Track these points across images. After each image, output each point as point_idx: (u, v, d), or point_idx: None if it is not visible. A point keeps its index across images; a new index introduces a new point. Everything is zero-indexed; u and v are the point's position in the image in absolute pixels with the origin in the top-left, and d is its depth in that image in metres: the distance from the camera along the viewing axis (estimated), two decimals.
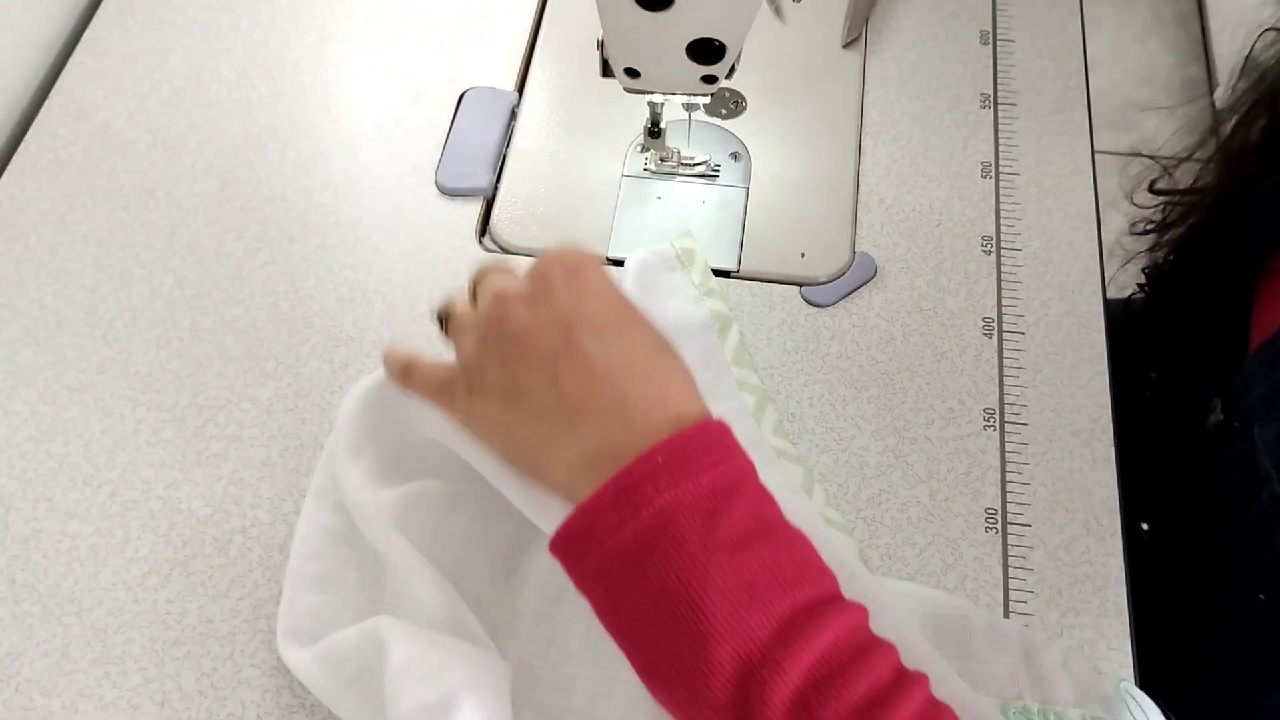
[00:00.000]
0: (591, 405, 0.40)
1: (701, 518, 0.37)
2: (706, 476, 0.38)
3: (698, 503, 0.38)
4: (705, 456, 0.39)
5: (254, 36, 0.74)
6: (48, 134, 0.69)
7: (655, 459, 0.38)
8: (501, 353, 0.43)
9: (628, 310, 0.43)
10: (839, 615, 0.38)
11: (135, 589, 0.54)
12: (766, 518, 0.39)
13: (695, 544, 0.37)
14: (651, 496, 0.37)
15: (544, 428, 0.41)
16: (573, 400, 0.41)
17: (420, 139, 0.69)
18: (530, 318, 0.42)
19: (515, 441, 0.43)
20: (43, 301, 0.63)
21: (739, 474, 0.39)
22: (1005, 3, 0.75)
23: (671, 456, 0.38)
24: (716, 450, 0.39)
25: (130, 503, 0.56)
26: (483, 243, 0.66)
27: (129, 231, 0.65)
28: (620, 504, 0.38)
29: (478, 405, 0.43)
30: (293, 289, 0.63)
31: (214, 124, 0.70)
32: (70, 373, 0.60)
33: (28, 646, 0.52)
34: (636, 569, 0.37)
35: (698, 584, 0.36)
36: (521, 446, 0.43)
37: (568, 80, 0.73)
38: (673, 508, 0.37)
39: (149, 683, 0.51)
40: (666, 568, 0.37)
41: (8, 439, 0.58)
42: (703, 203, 0.67)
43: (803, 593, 0.38)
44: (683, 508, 0.37)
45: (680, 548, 0.37)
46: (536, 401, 0.41)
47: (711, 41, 0.54)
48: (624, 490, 0.38)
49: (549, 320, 0.42)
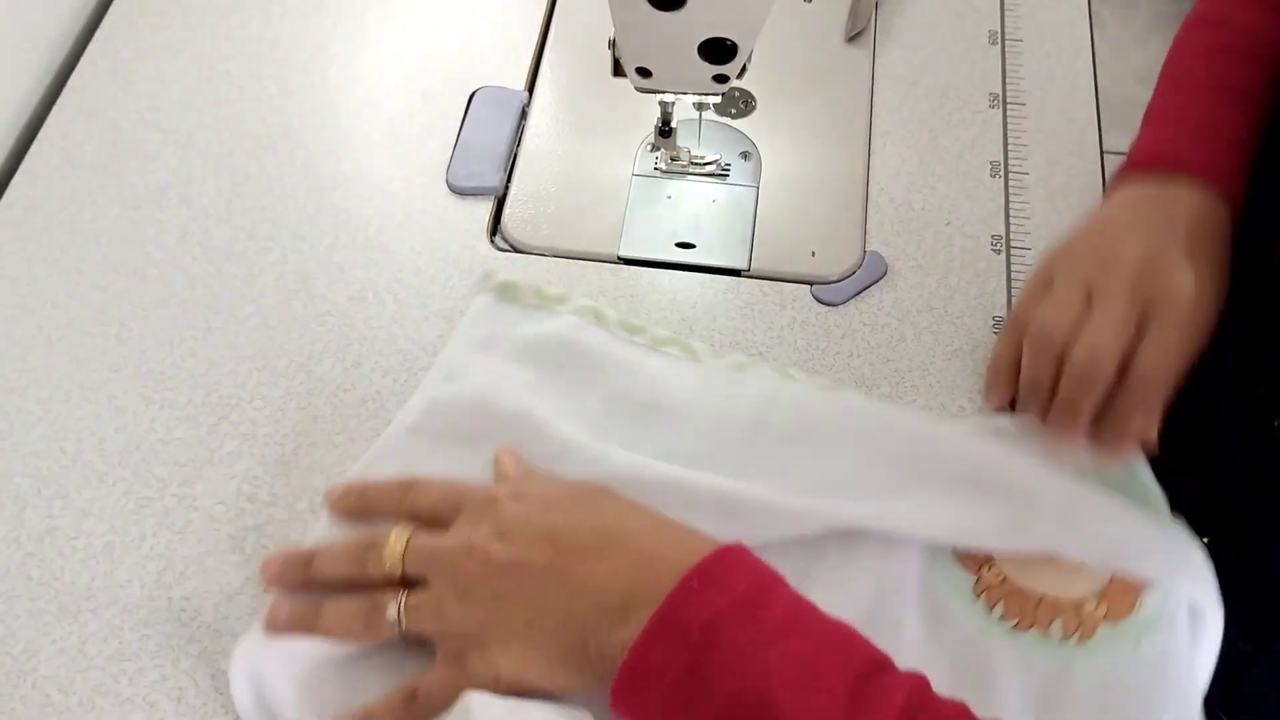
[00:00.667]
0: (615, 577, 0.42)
1: (746, 620, 0.39)
2: (741, 586, 0.40)
3: (739, 609, 0.39)
4: (734, 572, 0.41)
5: (264, 36, 0.74)
6: (59, 134, 0.69)
7: (690, 585, 0.40)
8: (501, 598, 0.44)
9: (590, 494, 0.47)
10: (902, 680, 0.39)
11: (150, 586, 0.54)
12: (803, 610, 0.41)
13: (747, 643, 0.38)
14: (696, 616, 0.39)
15: (580, 626, 0.43)
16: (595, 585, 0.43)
17: (430, 138, 0.69)
18: (511, 551, 0.44)
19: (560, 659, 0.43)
20: (55, 300, 0.63)
21: (768, 578, 0.42)
22: (1013, 2, 0.76)
23: (704, 579, 0.40)
24: (743, 564, 0.42)
25: (145, 500, 0.56)
26: (493, 241, 0.66)
27: (141, 230, 0.65)
28: (670, 633, 0.39)
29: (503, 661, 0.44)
30: (304, 288, 0.63)
31: (225, 123, 0.70)
32: (83, 371, 0.60)
33: (44, 644, 0.52)
34: (700, 689, 0.38)
35: (760, 680, 0.38)
36: (569, 658, 0.43)
37: (578, 80, 0.73)
38: (719, 617, 0.39)
39: (165, 680, 0.51)
40: (726, 676, 0.38)
41: (22, 438, 0.58)
42: (713, 202, 0.67)
43: (859, 664, 0.39)
44: (728, 615, 0.39)
45: (734, 651, 0.38)
46: (561, 609, 0.43)
47: (723, 41, 0.54)
48: (670, 619, 0.40)
49: (530, 543, 0.44)
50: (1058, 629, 0.49)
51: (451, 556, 0.45)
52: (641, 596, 0.41)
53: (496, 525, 0.45)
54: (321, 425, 0.59)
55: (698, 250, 0.65)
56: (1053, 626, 0.49)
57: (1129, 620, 0.49)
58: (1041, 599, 0.50)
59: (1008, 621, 0.49)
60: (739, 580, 0.41)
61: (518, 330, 0.60)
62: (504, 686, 0.44)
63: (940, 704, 0.39)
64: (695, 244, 0.65)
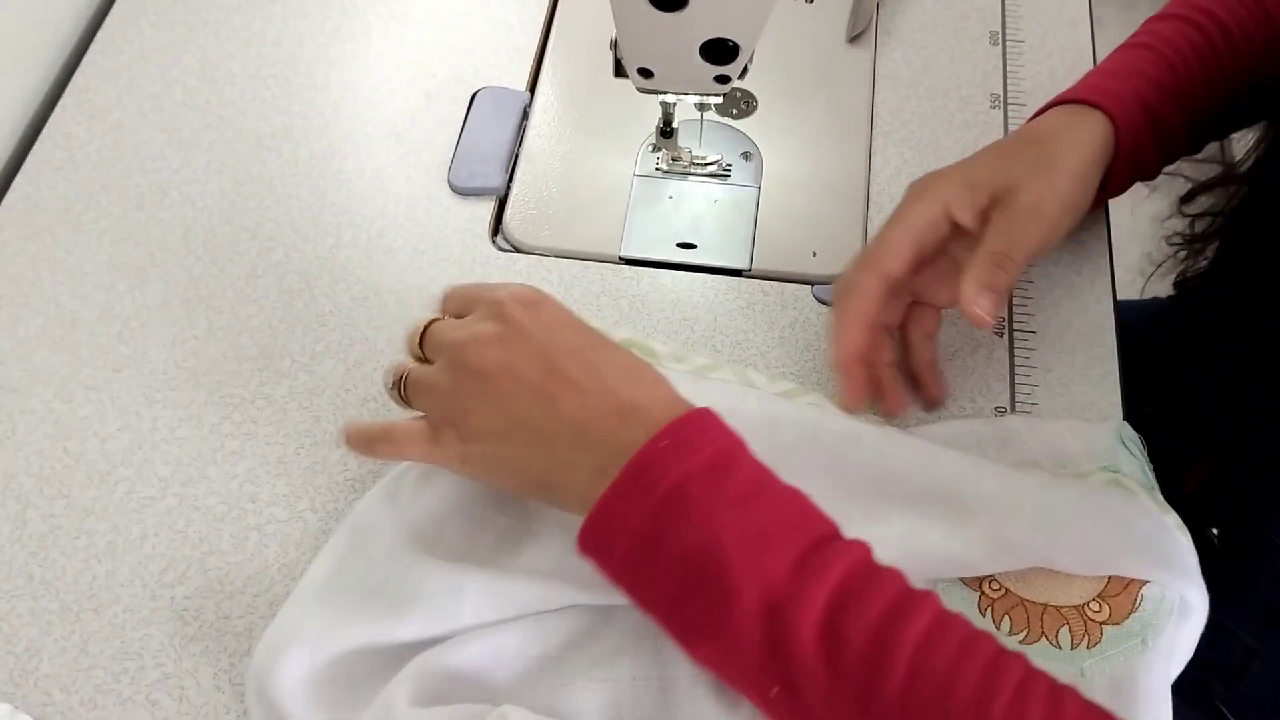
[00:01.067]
0: (593, 418, 0.44)
1: (709, 483, 0.41)
2: (707, 450, 0.42)
3: (704, 471, 0.41)
4: (703, 435, 0.43)
5: (267, 37, 0.74)
6: (62, 133, 0.69)
7: (660, 444, 0.42)
8: (486, 393, 0.46)
9: (593, 332, 0.48)
10: (846, 549, 0.41)
11: (152, 585, 0.54)
12: (764, 478, 0.43)
13: (707, 505, 0.41)
14: (663, 475, 0.41)
15: (549, 452, 0.45)
16: (574, 419, 0.44)
17: (432, 139, 0.69)
18: (506, 354, 0.46)
19: (522, 472, 0.46)
20: (58, 300, 0.63)
21: (734, 445, 0.43)
22: (1014, 3, 0.76)
23: (674, 439, 0.42)
24: (711, 429, 0.44)
25: (147, 500, 0.56)
26: (495, 242, 0.66)
27: (144, 230, 0.66)
28: (636, 488, 0.42)
29: (474, 449, 0.46)
30: (306, 288, 0.63)
31: (227, 123, 0.70)
32: (86, 371, 0.60)
33: (46, 643, 0.53)
34: (660, 541, 0.41)
35: (715, 540, 0.40)
36: (530, 475, 0.46)
37: (579, 80, 0.73)
38: (683, 479, 0.41)
39: (167, 678, 0.52)
40: (685, 532, 0.41)
41: (25, 437, 0.58)
42: (714, 202, 0.67)
43: (810, 533, 0.41)
44: (691, 478, 0.41)
45: (695, 511, 0.41)
46: (535, 430, 0.45)
47: (725, 42, 0.54)
48: (638, 476, 0.42)
49: (525, 353, 0.46)
50: (1066, 637, 0.49)
51: (453, 344, 0.47)
52: (613, 445, 0.43)
53: (501, 327, 0.47)
54: (324, 425, 0.59)
55: (699, 250, 0.65)
56: (1060, 635, 0.49)
57: (1132, 619, 0.49)
58: (1045, 608, 0.50)
59: (1016, 635, 0.50)
60: (706, 443, 0.42)
61: None
62: (467, 471, 0.47)
63: (879, 571, 0.41)
64: (696, 244, 0.66)
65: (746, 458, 0.44)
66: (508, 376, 0.45)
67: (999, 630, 0.50)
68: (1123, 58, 0.60)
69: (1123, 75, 0.58)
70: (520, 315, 0.47)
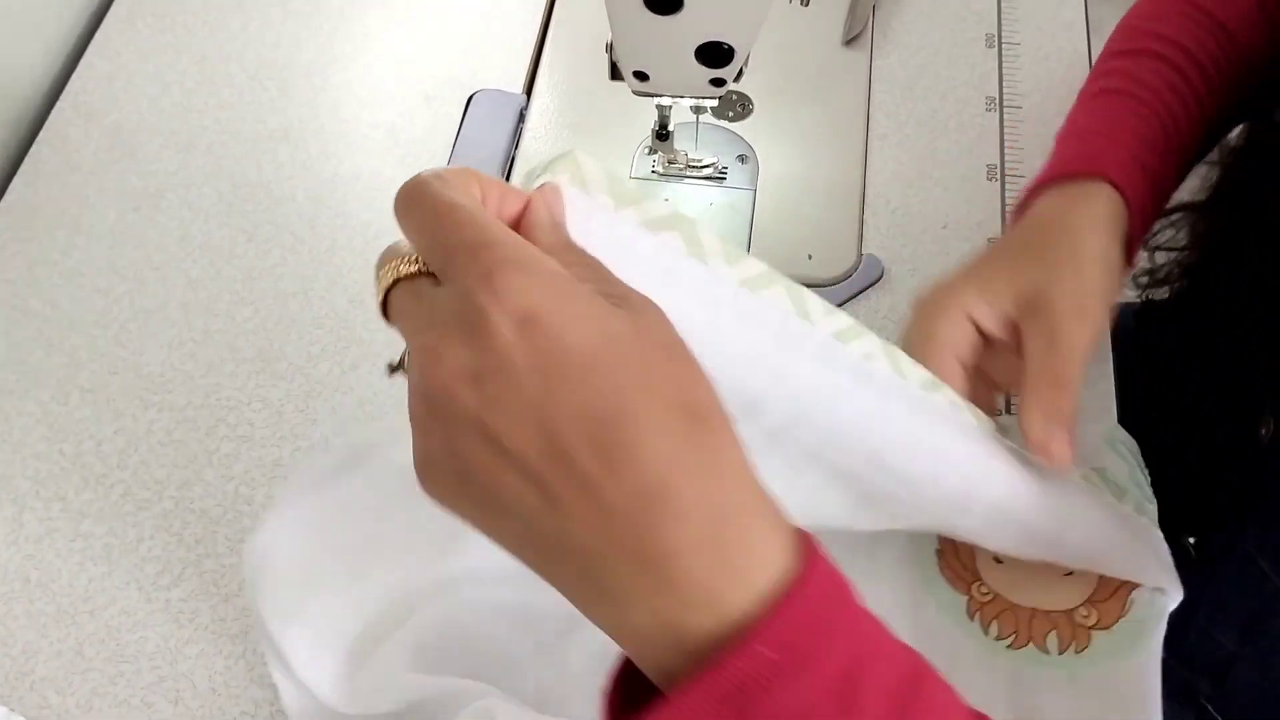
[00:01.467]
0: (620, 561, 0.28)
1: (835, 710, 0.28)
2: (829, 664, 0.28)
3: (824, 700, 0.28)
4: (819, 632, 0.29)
5: (264, 39, 0.74)
6: (59, 136, 0.70)
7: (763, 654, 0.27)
8: (459, 448, 0.28)
9: (625, 368, 0.28)
10: None
11: (148, 588, 0.54)
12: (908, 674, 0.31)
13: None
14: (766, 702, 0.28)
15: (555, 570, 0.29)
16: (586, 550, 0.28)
17: (429, 141, 0.69)
18: (484, 406, 0.28)
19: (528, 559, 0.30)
20: (55, 302, 0.63)
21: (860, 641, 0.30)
22: (1010, 5, 0.76)
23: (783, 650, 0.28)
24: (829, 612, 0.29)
25: (143, 502, 0.56)
26: None
27: (140, 233, 0.66)
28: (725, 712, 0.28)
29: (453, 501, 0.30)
30: (303, 291, 0.64)
31: (224, 126, 0.70)
32: (83, 373, 0.60)
33: (42, 645, 0.53)
34: None
35: None
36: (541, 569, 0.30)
37: (576, 83, 0.73)
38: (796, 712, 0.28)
39: (162, 681, 0.52)
40: None
41: (21, 439, 0.58)
42: (710, 205, 0.67)
43: None
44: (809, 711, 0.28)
45: None
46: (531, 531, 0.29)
47: (720, 45, 0.54)
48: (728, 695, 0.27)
49: (513, 410, 0.27)
50: (1054, 642, 0.49)
51: (417, 347, 0.31)
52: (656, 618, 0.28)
53: (478, 354, 0.28)
54: (319, 428, 0.59)
55: None
56: (1049, 640, 0.49)
57: (1121, 624, 0.49)
58: (1034, 612, 0.50)
59: (1005, 639, 0.49)
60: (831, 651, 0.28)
61: None
62: None
63: None
64: None
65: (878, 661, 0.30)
66: (484, 437, 0.28)
67: (988, 634, 0.49)
68: (1104, 112, 0.54)
69: (1112, 136, 0.52)
70: (509, 338, 0.28)
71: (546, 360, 0.28)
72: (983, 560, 0.51)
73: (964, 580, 0.51)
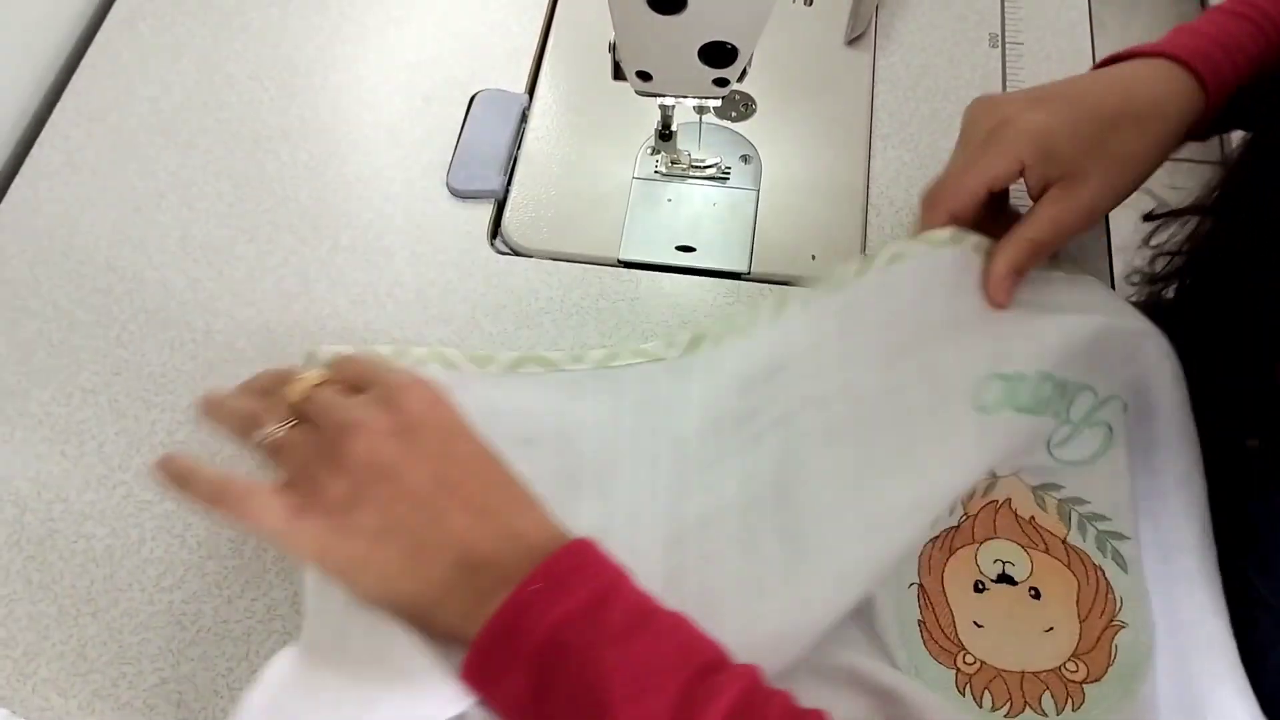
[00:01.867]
0: (479, 540, 0.42)
1: (585, 624, 0.40)
2: (582, 590, 0.41)
3: (580, 613, 0.40)
4: (578, 573, 0.42)
5: (265, 39, 0.74)
6: (60, 136, 0.69)
7: (532, 586, 0.41)
8: (368, 488, 0.42)
9: (485, 445, 0.46)
10: (731, 677, 0.40)
11: (150, 590, 0.54)
12: (644, 610, 0.42)
13: (584, 649, 0.39)
14: (537, 622, 0.40)
15: (426, 569, 0.42)
16: (459, 540, 0.42)
17: (431, 141, 0.69)
18: (398, 453, 0.43)
19: (389, 582, 0.43)
20: (56, 303, 0.63)
21: (611, 578, 0.42)
22: (1014, 5, 0.76)
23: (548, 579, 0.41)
24: (588, 564, 0.42)
25: (145, 504, 0.56)
26: (494, 245, 0.66)
27: (142, 233, 0.65)
28: (509, 640, 0.40)
29: (339, 544, 0.42)
30: (305, 291, 0.63)
31: (225, 126, 0.70)
32: (84, 374, 0.60)
33: (44, 647, 0.52)
34: (544, 690, 0.40)
35: (598, 685, 0.39)
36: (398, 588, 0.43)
37: (578, 83, 0.73)
38: (559, 624, 0.40)
39: (165, 683, 0.52)
40: (566, 680, 0.39)
41: (23, 440, 0.58)
42: (713, 205, 0.67)
43: (692, 663, 0.40)
44: (569, 622, 0.40)
45: (573, 658, 0.39)
46: (417, 542, 0.42)
47: (724, 45, 0.54)
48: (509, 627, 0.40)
49: (418, 456, 0.43)
50: (1050, 704, 0.48)
51: (342, 424, 0.43)
52: (495, 573, 0.41)
53: (397, 420, 0.44)
54: None
55: (698, 253, 0.65)
56: (1044, 702, 0.48)
57: (1111, 673, 0.48)
58: (1023, 675, 0.49)
59: (1000, 709, 0.48)
60: (580, 582, 0.41)
61: None
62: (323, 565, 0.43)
63: (769, 694, 0.40)
64: (695, 247, 0.66)
65: (625, 590, 0.42)
66: (399, 479, 0.42)
67: (982, 707, 0.48)
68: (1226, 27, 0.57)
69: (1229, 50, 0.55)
70: (420, 411, 0.44)
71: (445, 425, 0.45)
72: (964, 626, 0.50)
73: (948, 652, 0.50)
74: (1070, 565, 0.51)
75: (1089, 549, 0.51)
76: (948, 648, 0.50)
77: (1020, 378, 0.52)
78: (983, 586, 0.51)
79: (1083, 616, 0.50)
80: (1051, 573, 0.51)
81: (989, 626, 0.50)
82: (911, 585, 0.51)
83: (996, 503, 0.53)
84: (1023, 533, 0.52)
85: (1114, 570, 0.51)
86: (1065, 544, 0.51)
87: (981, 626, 0.50)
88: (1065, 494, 0.53)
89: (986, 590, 0.51)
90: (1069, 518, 0.52)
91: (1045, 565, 0.51)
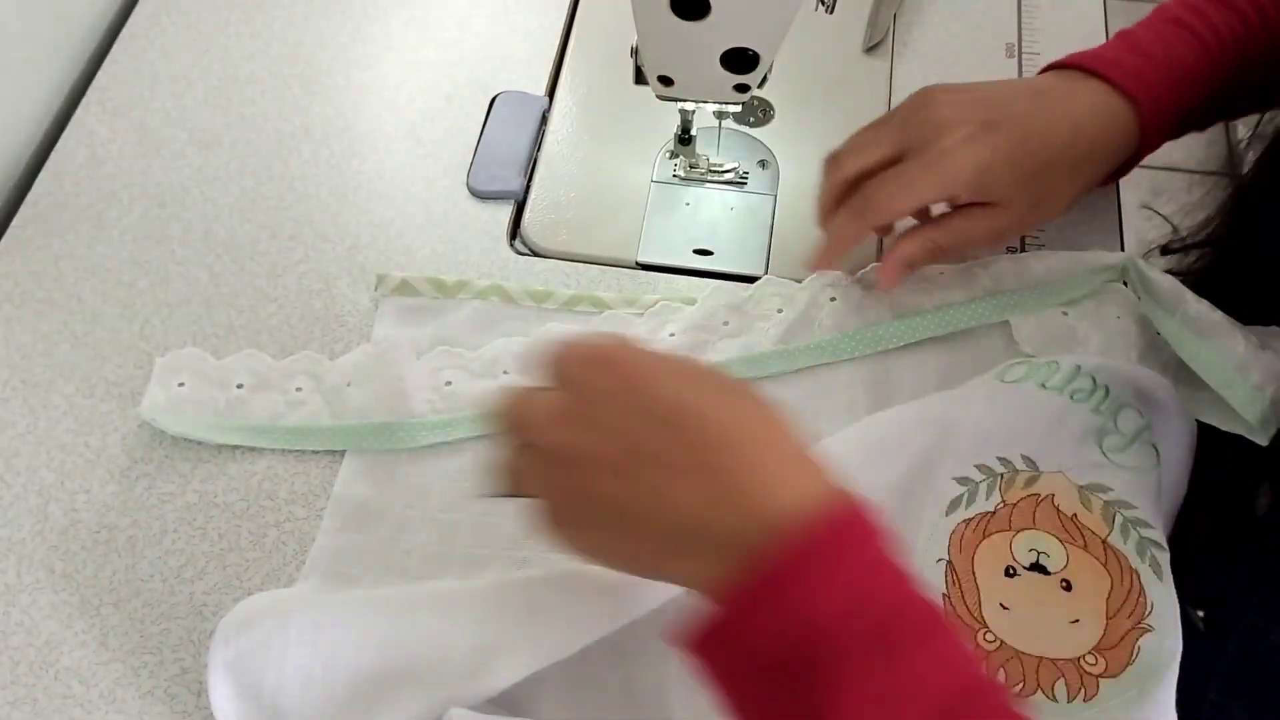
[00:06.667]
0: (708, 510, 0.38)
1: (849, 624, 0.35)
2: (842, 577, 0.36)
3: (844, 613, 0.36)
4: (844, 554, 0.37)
5: (288, 37, 0.75)
6: (85, 131, 0.70)
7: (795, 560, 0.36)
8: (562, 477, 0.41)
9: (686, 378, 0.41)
10: None
11: (172, 580, 0.55)
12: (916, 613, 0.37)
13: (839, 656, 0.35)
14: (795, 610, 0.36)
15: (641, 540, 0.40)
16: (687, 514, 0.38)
17: (452, 141, 0.70)
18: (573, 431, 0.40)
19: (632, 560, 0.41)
20: (80, 296, 0.64)
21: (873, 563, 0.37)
22: (1030, 15, 0.76)
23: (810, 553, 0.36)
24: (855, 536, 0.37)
25: (167, 495, 0.57)
26: (513, 245, 0.66)
27: (165, 228, 0.66)
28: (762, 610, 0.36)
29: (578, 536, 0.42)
30: (326, 288, 0.64)
31: (248, 123, 0.71)
32: (108, 367, 0.61)
33: (66, 636, 0.53)
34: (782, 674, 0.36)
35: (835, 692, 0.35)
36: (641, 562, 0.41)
37: (598, 86, 0.74)
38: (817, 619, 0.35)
39: (185, 673, 0.52)
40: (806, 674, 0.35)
41: (47, 431, 0.59)
42: (730, 209, 0.68)
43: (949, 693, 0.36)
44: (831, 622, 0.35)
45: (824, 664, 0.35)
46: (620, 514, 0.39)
47: (746, 51, 0.55)
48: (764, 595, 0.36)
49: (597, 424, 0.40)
50: (1062, 690, 0.48)
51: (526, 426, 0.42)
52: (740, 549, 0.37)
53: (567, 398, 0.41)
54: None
55: (715, 257, 0.66)
56: (1057, 688, 0.48)
57: (1129, 671, 0.48)
58: (1041, 660, 0.49)
59: (1012, 689, 0.49)
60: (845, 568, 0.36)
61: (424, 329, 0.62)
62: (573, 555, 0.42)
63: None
64: (713, 250, 0.66)
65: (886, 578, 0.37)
66: (578, 454, 0.40)
67: None
68: (1175, 46, 0.57)
69: (1178, 81, 0.56)
70: (584, 377, 0.41)
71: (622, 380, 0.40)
72: (989, 606, 0.51)
73: (969, 628, 0.50)
74: (1107, 564, 0.51)
75: (1129, 551, 0.51)
76: (970, 623, 0.50)
77: (1051, 365, 0.54)
78: (1014, 572, 0.51)
79: (1111, 614, 0.50)
80: (1087, 568, 0.51)
81: (1015, 610, 0.50)
82: (940, 560, 0.51)
83: (1039, 496, 0.53)
84: (1063, 528, 0.52)
85: (1149, 576, 0.50)
86: (1105, 543, 0.51)
87: (1007, 609, 0.50)
88: (1113, 496, 0.52)
89: (1017, 576, 0.51)
90: (1113, 520, 0.52)
91: (1081, 560, 0.51)
